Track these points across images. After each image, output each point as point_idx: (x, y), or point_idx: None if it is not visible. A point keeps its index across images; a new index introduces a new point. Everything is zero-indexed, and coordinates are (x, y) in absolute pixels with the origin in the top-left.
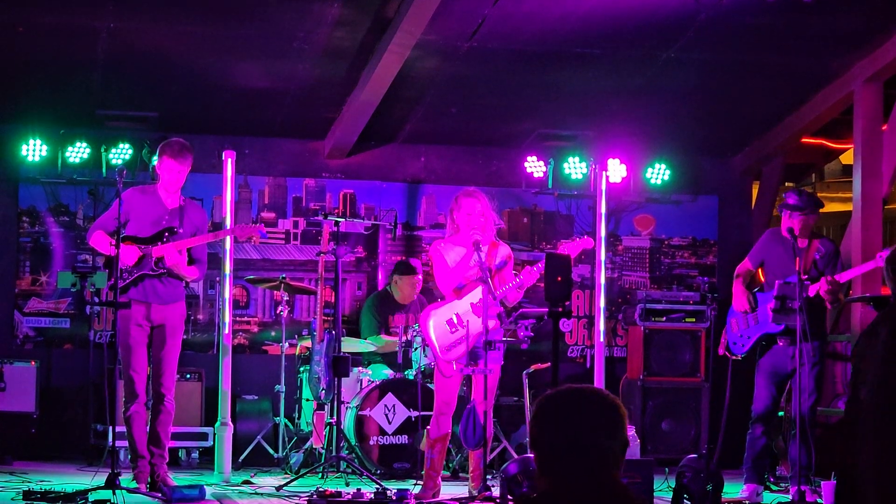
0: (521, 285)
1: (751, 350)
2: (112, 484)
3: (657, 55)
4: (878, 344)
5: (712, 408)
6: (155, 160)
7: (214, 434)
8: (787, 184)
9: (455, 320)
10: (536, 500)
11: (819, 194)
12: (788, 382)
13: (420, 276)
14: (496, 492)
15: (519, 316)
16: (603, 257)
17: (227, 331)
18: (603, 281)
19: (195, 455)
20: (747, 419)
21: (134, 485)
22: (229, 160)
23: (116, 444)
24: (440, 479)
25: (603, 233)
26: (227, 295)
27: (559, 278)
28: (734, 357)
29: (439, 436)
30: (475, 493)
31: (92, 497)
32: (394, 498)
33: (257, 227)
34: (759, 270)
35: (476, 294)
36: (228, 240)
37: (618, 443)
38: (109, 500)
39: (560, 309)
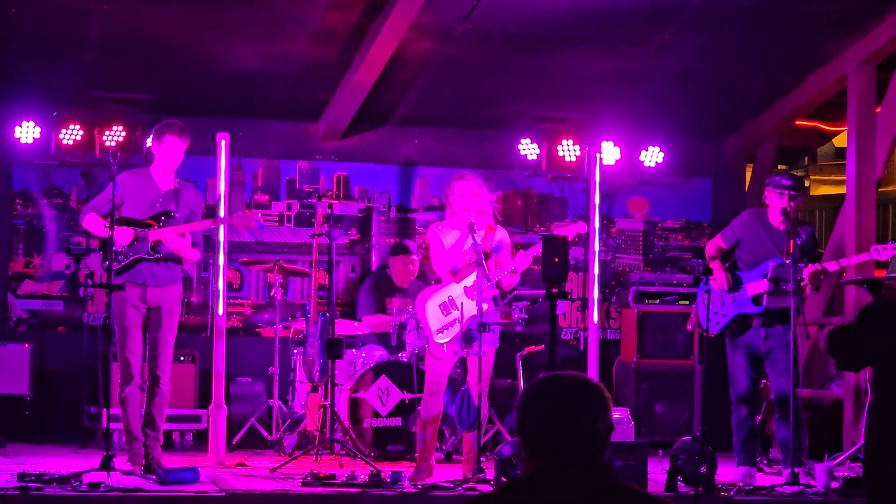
0: (516, 270)
1: (723, 329)
2: (107, 466)
3: (651, 38)
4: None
5: (705, 390)
6: (149, 142)
7: (208, 416)
8: (779, 166)
9: (449, 303)
10: (522, 483)
11: (812, 177)
12: (763, 364)
13: (415, 257)
14: (490, 474)
15: (513, 298)
16: (597, 240)
17: (220, 313)
18: (597, 263)
19: (189, 437)
20: None
21: (128, 466)
22: (223, 142)
23: (110, 427)
24: (433, 460)
25: (597, 215)
26: (221, 279)
27: (556, 259)
28: (705, 334)
29: (430, 417)
30: (469, 475)
31: (87, 479)
32: (388, 480)
33: (255, 216)
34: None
35: (471, 277)
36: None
37: (603, 426)
38: (104, 482)
39: (556, 290)
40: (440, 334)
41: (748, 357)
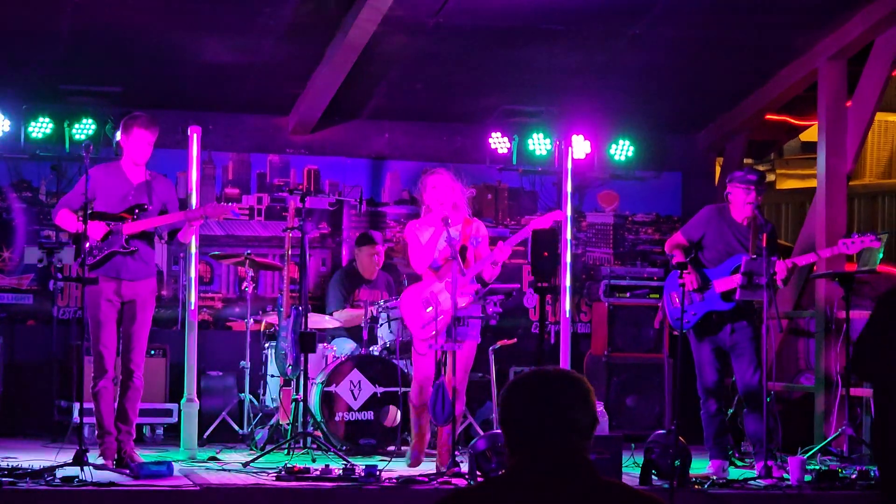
0: (496, 261)
1: (693, 326)
2: (79, 460)
3: (622, 31)
4: None
5: (675, 383)
6: (118, 135)
7: (180, 410)
8: (745, 160)
9: (430, 298)
10: (505, 477)
11: (778, 171)
12: (728, 358)
13: (380, 248)
14: (464, 467)
15: (487, 292)
16: (569, 232)
17: (192, 307)
18: (569, 257)
19: (160, 431)
20: None
21: (101, 461)
22: (195, 136)
23: (84, 421)
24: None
25: (569, 209)
26: (192, 272)
27: (545, 253)
28: (675, 332)
29: (424, 402)
30: (443, 469)
31: (60, 473)
32: (362, 474)
33: (230, 208)
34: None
35: (450, 272)
36: None
37: (586, 419)
38: (77, 477)
39: (546, 284)
40: (422, 330)
41: (714, 351)
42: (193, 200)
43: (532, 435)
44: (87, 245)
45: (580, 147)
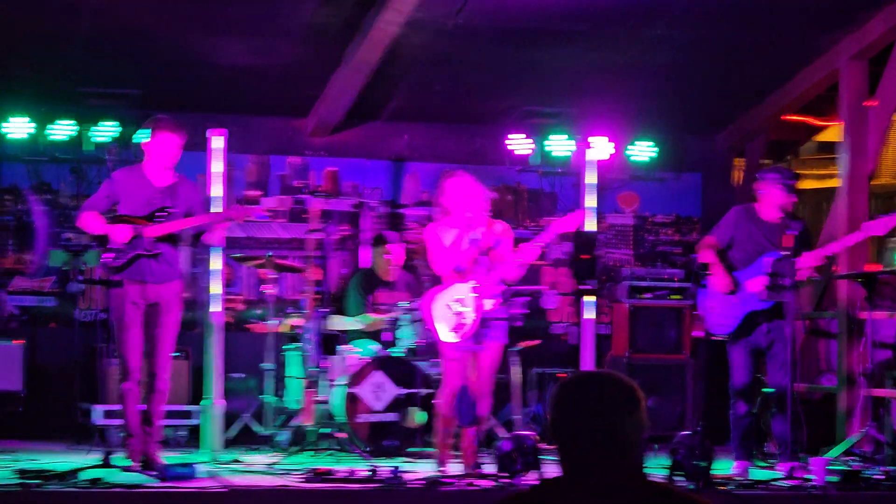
0: (523, 262)
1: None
2: (106, 462)
3: (642, 32)
4: None
5: (696, 384)
6: (138, 138)
7: (201, 412)
8: (763, 161)
9: (456, 302)
10: (555, 483)
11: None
12: (763, 358)
13: (393, 248)
14: (488, 469)
15: (513, 293)
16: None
17: (218, 308)
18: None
19: (182, 433)
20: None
21: (127, 463)
22: (222, 139)
23: (105, 423)
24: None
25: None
26: (218, 274)
27: (586, 256)
28: (717, 339)
29: (454, 414)
30: (469, 470)
31: (86, 475)
32: (388, 476)
33: (253, 209)
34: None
35: (474, 274)
36: None
37: (633, 427)
38: (103, 479)
39: (588, 286)
40: (452, 334)
41: (749, 352)
42: (220, 203)
43: (579, 440)
44: (111, 248)
45: (600, 148)
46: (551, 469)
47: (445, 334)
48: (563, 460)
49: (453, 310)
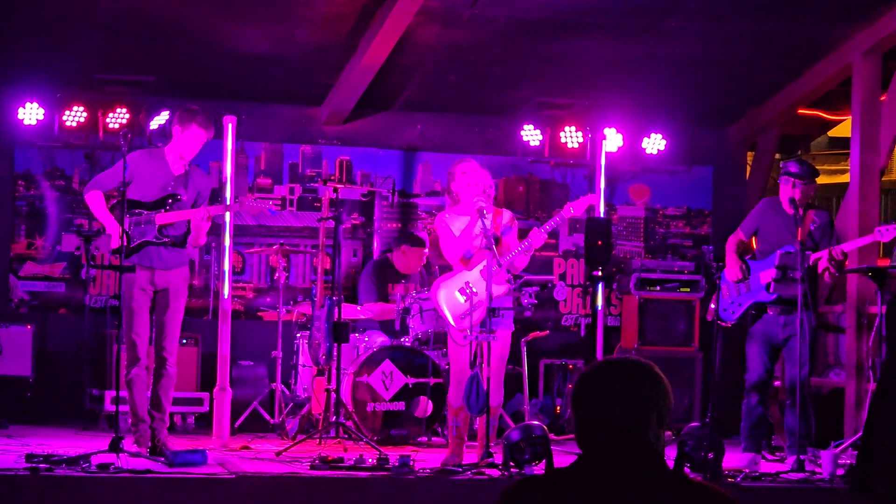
0: (529, 248)
1: (740, 318)
2: (115, 448)
3: (656, 25)
4: None
5: (705, 377)
6: (170, 123)
7: (211, 399)
8: (776, 155)
9: (465, 289)
10: (575, 468)
11: None
12: (780, 352)
13: (427, 250)
14: (498, 458)
15: (523, 283)
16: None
17: (227, 296)
18: None
19: (191, 420)
20: (741, 387)
21: (135, 449)
22: (230, 126)
23: (114, 409)
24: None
25: (601, 201)
26: (227, 261)
27: (599, 242)
28: (723, 324)
29: (461, 404)
30: (479, 459)
31: (95, 460)
32: (396, 464)
33: (266, 205)
34: (752, 239)
35: (484, 262)
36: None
37: (659, 412)
38: (113, 464)
39: (600, 272)
40: (461, 320)
41: (765, 346)
42: (228, 191)
43: (603, 427)
44: (120, 234)
45: (612, 140)
46: (560, 459)
47: (453, 321)
48: (582, 446)
49: (462, 297)
